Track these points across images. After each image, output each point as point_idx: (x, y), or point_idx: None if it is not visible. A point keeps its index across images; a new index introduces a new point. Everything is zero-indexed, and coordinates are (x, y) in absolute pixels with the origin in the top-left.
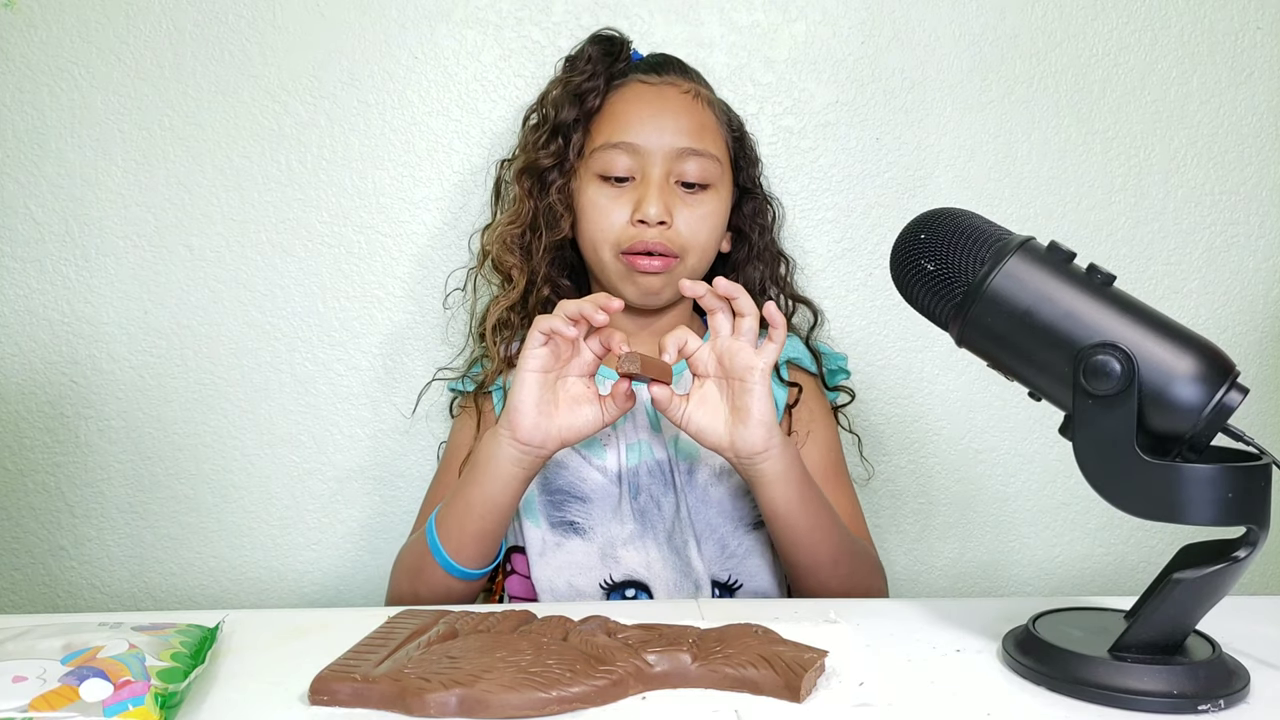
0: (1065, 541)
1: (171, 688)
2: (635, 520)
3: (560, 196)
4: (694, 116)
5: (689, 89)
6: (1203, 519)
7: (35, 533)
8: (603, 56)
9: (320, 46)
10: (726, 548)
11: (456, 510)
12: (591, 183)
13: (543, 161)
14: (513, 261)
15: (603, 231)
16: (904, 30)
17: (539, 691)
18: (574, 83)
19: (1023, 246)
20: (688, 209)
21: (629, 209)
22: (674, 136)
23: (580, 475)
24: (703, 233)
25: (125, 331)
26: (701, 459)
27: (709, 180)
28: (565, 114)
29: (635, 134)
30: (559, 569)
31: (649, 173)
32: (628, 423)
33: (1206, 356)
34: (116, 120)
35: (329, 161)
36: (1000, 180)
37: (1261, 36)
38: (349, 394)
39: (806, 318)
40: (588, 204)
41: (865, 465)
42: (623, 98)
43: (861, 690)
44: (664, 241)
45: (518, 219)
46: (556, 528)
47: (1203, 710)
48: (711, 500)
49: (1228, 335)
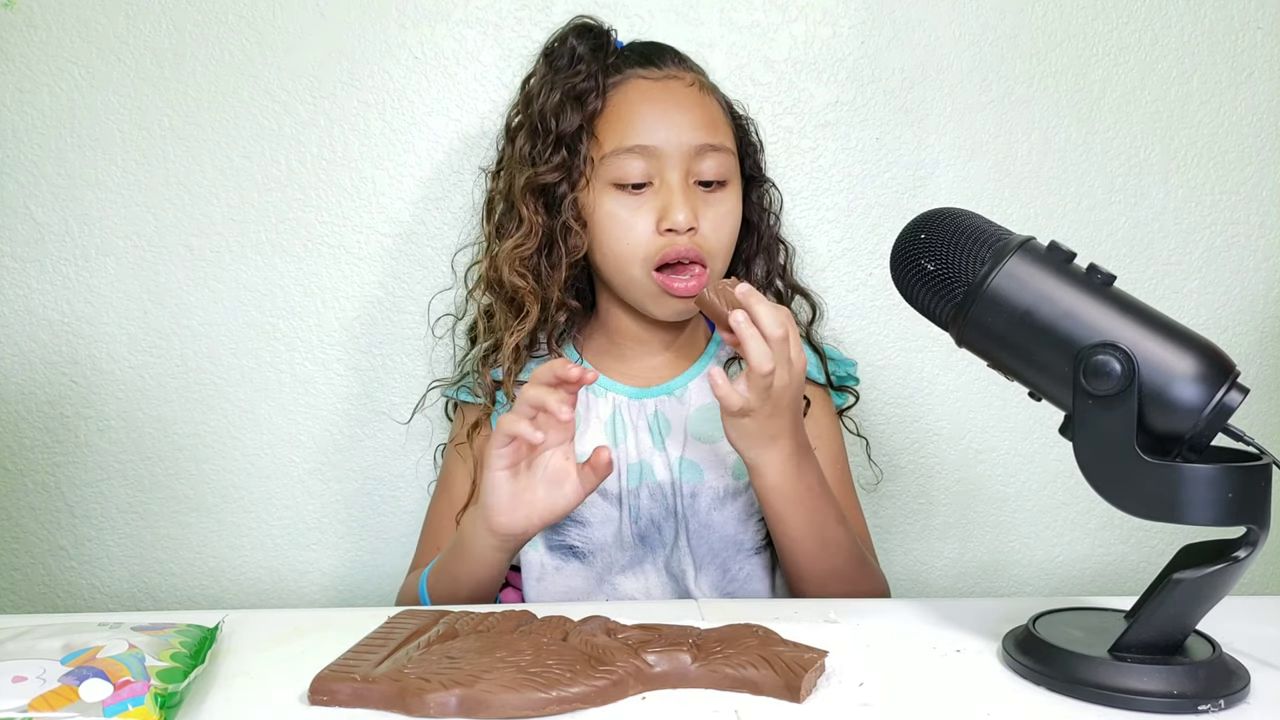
0: (1065, 541)
1: (171, 688)
2: (635, 545)
3: (573, 213)
4: (704, 110)
5: (692, 80)
6: (1203, 519)
7: (35, 533)
8: (592, 52)
9: (320, 46)
10: (728, 572)
11: (444, 583)
12: (606, 193)
13: (548, 177)
14: (526, 287)
15: (629, 246)
16: (904, 30)
17: (539, 691)
18: (570, 85)
19: (1023, 246)
20: (710, 209)
21: (652, 217)
22: (690, 134)
23: None
24: (726, 234)
25: (125, 331)
26: (705, 481)
27: (726, 176)
28: (567, 122)
29: (649, 135)
30: (554, 594)
31: (667, 176)
32: (628, 441)
33: (1206, 356)
34: (116, 120)
35: (329, 161)
36: (1000, 180)
37: (1261, 36)
38: (349, 394)
39: (805, 313)
40: (605, 217)
41: (873, 469)
42: (626, 97)
43: (861, 690)
44: (694, 247)
45: (527, 240)
46: (555, 551)
47: (1203, 710)
48: (714, 525)
49: (1228, 335)
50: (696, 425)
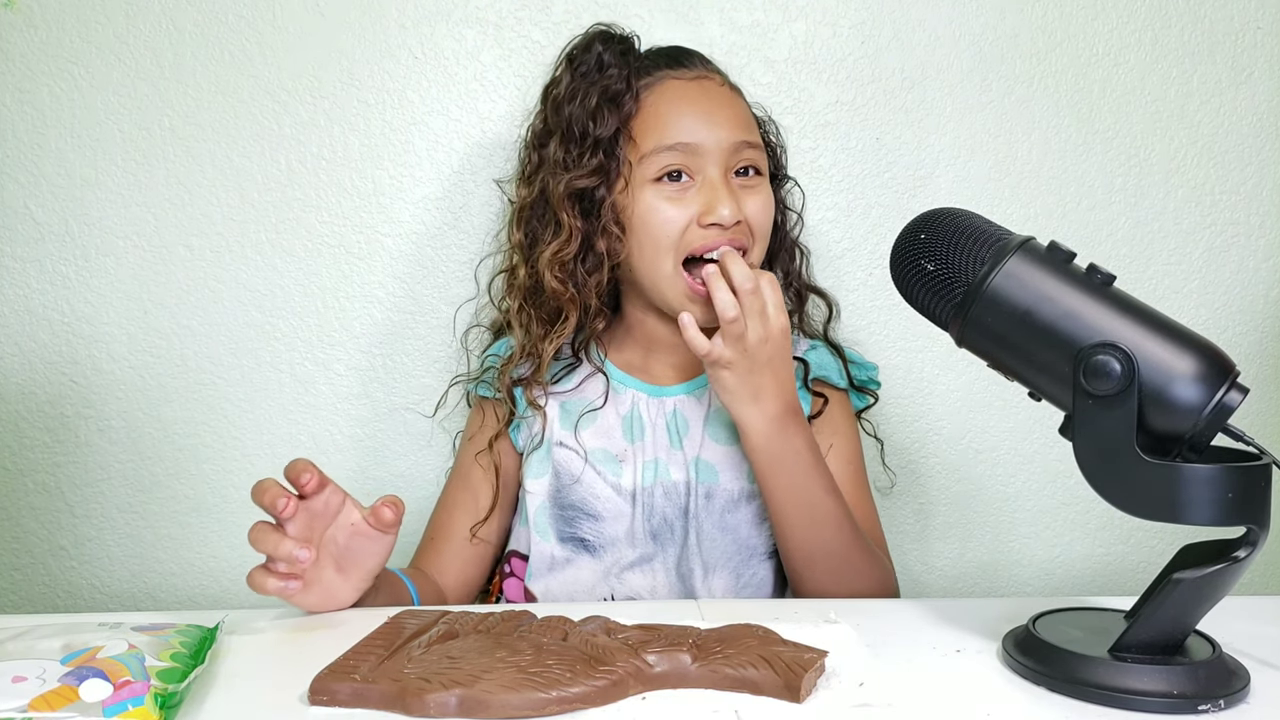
0: (1065, 541)
1: (171, 688)
2: (646, 542)
3: (612, 215)
4: (738, 109)
5: (722, 81)
6: (1203, 519)
7: (35, 533)
8: (620, 56)
9: (320, 46)
10: (740, 577)
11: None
12: (645, 189)
13: (585, 181)
14: (565, 292)
15: (668, 237)
16: (904, 30)
17: (539, 691)
18: (604, 89)
19: (1023, 246)
20: (750, 198)
21: (693, 208)
22: (728, 132)
23: (594, 491)
24: (765, 222)
25: (125, 331)
26: (720, 483)
27: (761, 166)
28: (603, 126)
29: (689, 133)
30: (563, 584)
31: (709, 172)
32: (645, 439)
33: (1206, 356)
34: (116, 120)
35: (329, 161)
36: (1000, 180)
37: (1261, 36)
38: (349, 394)
39: (821, 312)
40: (646, 211)
41: (887, 473)
42: (662, 97)
43: (861, 690)
44: (739, 239)
45: (567, 245)
46: (566, 543)
47: (1203, 710)
48: (728, 527)
49: (1228, 335)
50: (714, 427)
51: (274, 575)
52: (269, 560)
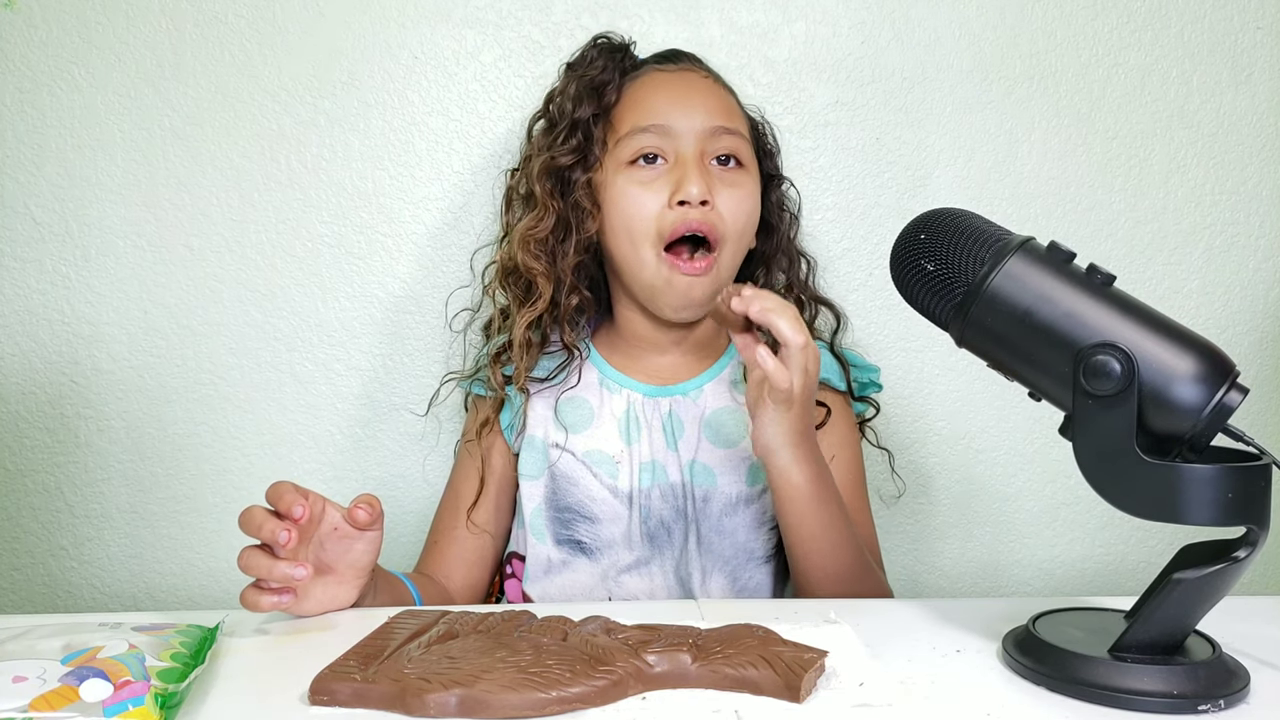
0: (1065, 541)
1: (171, 688)
2: (644, 545)
3: (586, 193)
4: (720, 98)
5: (708, 74)
6: (1203, 519)
7: (35, 533)
8: (611, 52)
9: (320, 46)
10: (737, 580)
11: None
12: (620, 172)
13: (563, 160)
14: (538, 268)
15: (641, 220)
16: (904, 30)
17: (539, 691)
18: (588, 77)
19: (1023, 246)
20: (726, 188)
21: (665, 192)
22: (704, 116)
23: (590, 494)
24: (741, 216)
25: (125, 331)
26: (718, 486)
27: (742, 159)
28: (583, 109)
29: (664, 116)
30: (560, 587)
31: (683, 153)
32: (642, 440)
33: (1206, 356)
34: (116, 120)
35: (329, 161)
36: (1000, 180)
37: (1261, 36)
38: (349, 394)
39: (829, 322)
40: (618, 194)
41: (896, 481)
42: (643, 86)
43: (861, 690)
44: (708, 223)
45: (541, 221)
46: (563, 545)
47: (1203, 710)
48: (726, 531)
49: (1228, 335)
50: (711, 429)
51: (266, 592)
52: (259, 580)
